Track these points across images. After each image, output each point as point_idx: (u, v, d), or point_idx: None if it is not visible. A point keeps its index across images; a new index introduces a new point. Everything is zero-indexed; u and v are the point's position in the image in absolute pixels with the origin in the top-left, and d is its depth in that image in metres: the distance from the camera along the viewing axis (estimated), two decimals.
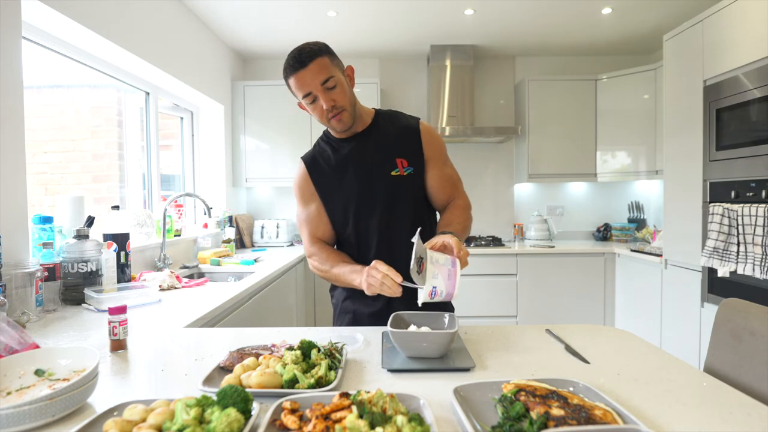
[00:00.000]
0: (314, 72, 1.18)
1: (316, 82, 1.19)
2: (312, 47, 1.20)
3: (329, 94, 1.21)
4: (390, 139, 1.34)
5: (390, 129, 1.35)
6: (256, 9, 3.01)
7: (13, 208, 1.54)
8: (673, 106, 2.72)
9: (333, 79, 1.20)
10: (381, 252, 1.30)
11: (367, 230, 1.32)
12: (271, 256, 3.13)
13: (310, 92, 1.20)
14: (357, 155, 1.32)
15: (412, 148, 1.33)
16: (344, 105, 1.23)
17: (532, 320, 3.42)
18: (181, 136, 3.45)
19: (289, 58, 1.20)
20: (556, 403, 0.69)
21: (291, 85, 1.23)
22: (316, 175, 1.35)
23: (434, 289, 1.04)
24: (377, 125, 1.36)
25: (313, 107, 1.23)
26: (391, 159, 1.31)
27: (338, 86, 1.22)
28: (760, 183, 2.07)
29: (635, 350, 1.04)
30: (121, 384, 0.90)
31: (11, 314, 1.36)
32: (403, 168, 1.31)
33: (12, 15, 1.56)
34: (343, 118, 1.24)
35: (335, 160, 1.34)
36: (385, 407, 0.66)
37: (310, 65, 1.18)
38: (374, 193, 1.31)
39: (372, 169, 1.31)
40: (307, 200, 1.36)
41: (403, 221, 1.31)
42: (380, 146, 1.33)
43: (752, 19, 2.11)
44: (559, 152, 3.74)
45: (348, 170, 1.32)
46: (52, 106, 2.32)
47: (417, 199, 1.35)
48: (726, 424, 0.70)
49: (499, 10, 3.06)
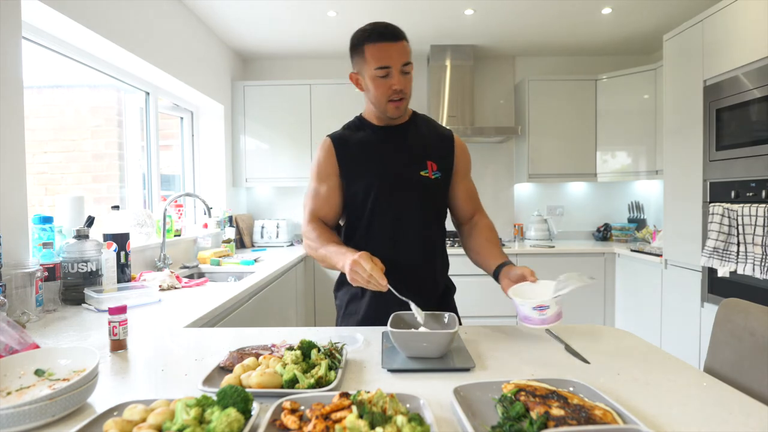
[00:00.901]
0: (401, 51, 1.19)
1: (400, 60, 1.19)
2: (401, 29, 1.22)
3: (403, 78, 1.21)
4: (425, 140, 1.34)
5: (425, 131, 1.36)
6: (256, 9, 3.01)
7: (13, 208, 1.54)
8: (673, 106, 2.72)
9: (411, 66, 1.22)
10: (386, 245, 1.29)
11: (380, 221, 1.30)
12: (271, 256, 3.13)
13: (389, 66, 1.19)
14: (392, 145, 1.32)
15: (444, 155, 1.34)
16: (408, 95, 1.25)
17: None
18: (181, 136, 3.45)
19: (375, 26, 1.20)
20: (556, 403, 0.69)
21: (368, 52, 1.20)
22: (343, 153, 1.31)
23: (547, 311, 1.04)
24: (415, 123, 1.37)
25: (381, 82, 1.22)
26: (422, 159, 1.31)
27: (410, 75, 1.23)
28: (760, 183, 2.07)
29: (635, 350, 1.04)
30: (121, 384, 0.90)
31: (11, 314, 1.36)
32: (432, 171, 1.31)
33: (12, 15, 1.56)
34: (401, 105, 1.25)
35: (368, 144, 1.32)
36: (385, 407, 0.66)
37: (401, 42, 1.19)
38: (399, 187, 1.29)
39: (403, 162, 1.30)
40: (323, 178, 1.33)
41: (416, 222, 1.31)
42: (415, 144, 1.33)
43: (752, 19, 2.11)
44: (559, 152, 3.74)
45: (379, 157, 1.31)
46: (52, 106, 2.32)
47: (435, 205, 1.35)
48: (726, 424, 0.70)
49: (499, 10, 3.06)
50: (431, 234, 1.34)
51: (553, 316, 1.04)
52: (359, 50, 1.23)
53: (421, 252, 1.32)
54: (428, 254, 1.34)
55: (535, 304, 1.04)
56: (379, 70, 1.20)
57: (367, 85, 1.26)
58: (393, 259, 1.27)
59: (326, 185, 1.33)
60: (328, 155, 1.32)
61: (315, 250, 1.27)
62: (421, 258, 1.32)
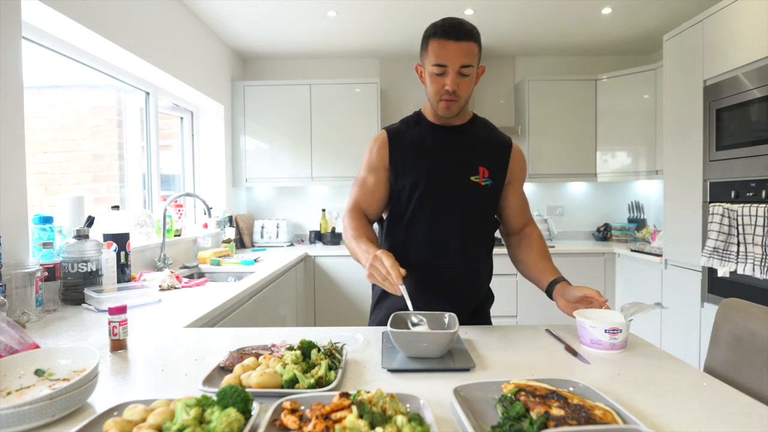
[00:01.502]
0: (463, 52, 1.16)
1: (458, 61, 1.16)
2: (472, 28, 1.19)
3: (459, 80, 1.19)
4: (480, 144, 1.31)
5: (482, 136, 1.33)
6: (256, 9, 3.01)
7: (13, 208, 1.54)
8: (672, 106, 2.72)
9: (471, 68, 1.19)
10: (424, 246, 1.28)
11: (422, 221, 1.28)
12: (271, 256, 3.13)
13: (446, 65, 1.17)
14: (444, 146, 1.29)
15: (498, 162, 1.31)
16: (462, 96, 1.22)
17: (532, 320, 3.42)
18: (181, 136, 3.45)
19: (446, 22, 1.18)
20: (556, 403, 0.69)
21: (431, 46, 1.19)
22: (396, 147, 1.30)
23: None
24: (473, 127, 1.34)
25: (436, 79, 1.20)
26: (474, 164, 1.28)
27: (469, 78, 1.20)
28: (760, 183, 2.07)
29: (635, 350, 1.04)
30: (121, 384, 0.90)
31: (11, 314, 1.36)
32: (483, 178, 1.28)
33: (12, 15, 1.56)
34: (452, 106, 1.22)
35: (421, 141, 1.30)
36: (385, 407, 0.66)
37: (464, 43, 1.16)
38: (445, 189, 1.27)
39: (454, 165, 1.28)
40: (372, 169, 1.31)
41: (458, 226, 1.28)
42: (469, 147, 1.30)
43: (752, 19, 2.11)
44: (559, 152, 3.74)
45: (429, 156, 1.28)
46: (52, 106, 2.32)
47: (480, 214, 1.31)
48: (726, 424, 0.70)
49: (499, 10, 3.05)
50: (473, 241, 1.30)
51: (623, 341, 1.03)
52: (425, 43, 1.21)
53: (461, 258, 1.28)
54: (469, 261, 1.30)
55: (609, 326, 1.01)
56: (435, 67, 1.18)
57: (425, 79, 1.25)
58: (430, 261, 1.27)
59: (374, 177, 1.31)
60: (381, 147, 1.31)
61: (348, 240, 1.24)
62: (459, 264, 1.28)
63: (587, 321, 1.04)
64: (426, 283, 1.27)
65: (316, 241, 3.93)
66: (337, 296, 3.48)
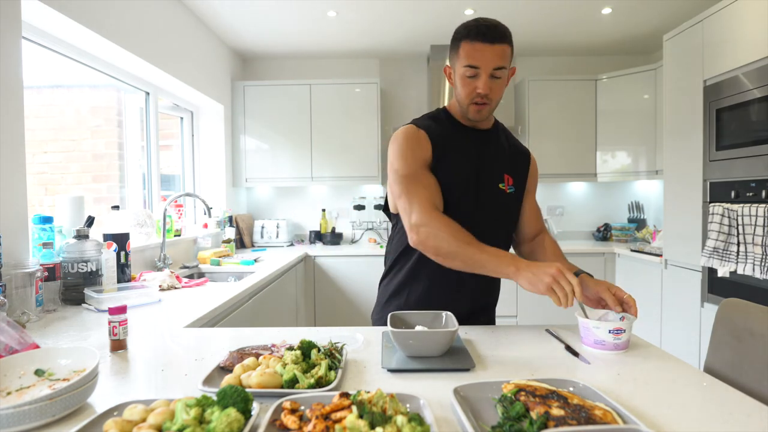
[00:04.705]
0: (497, 54, 1.13)
1: (492, 64, 1.14)
2: (506, 30, 1.17)
3: (492, 82, 1.16)
4: (505, 152, 1.31)
5: (505, 143, 1.32)
6: (256, 9, 3.01)
7: (13, 208, 1.54)
8: (673, 106, 2.72)
9: (503, 71, 1.16)
10: None
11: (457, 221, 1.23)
12: (271, 256, 3.13)
13: (479, 67, 1.14)
14: (478, 148, 1.26)
15: (521, 171, 1.32)
16: (493, 100, 1.19)
17: (532, 320, 3.42)
18: (181, 136, 3.45)
19: (480, 23, 1.15)
20: (556, 403, 0.69)
21: (462, 48, 1.16)
22: (436, 142, 1.21)
23: None
24: (497, 133, 1.32)
25: (468, 81, 1.17)
26: (501, 171, 1.27)
27: (501, 80, 1.18)
28: (760, 183, 2.07)
29: (635, 350, 1.04)
30: (121, 384, 0.90)
31: (11, 314, 1.36)
32: (508, 186, 1.27)
33: (12, 15, 1.56)
34: (483, 110, 1.19)
35: (457, 140, 1.25)
36: (385, 407, 0.66)
37: (497, 45, 1.13)
38: (479, 194, 1.24)
39: (486, 170, 1.25)
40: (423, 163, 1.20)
41: (483, 233, 1.17)
42: (497, 154, 1.28)
43: (752, 19, 2.11)
44: (559, 152, 3.74)
45: (467, 156, 1.24)
46: (52, 106, 2.31)
47: (503, 221, 1.30)
48: (726, 424, 0.70)
49: (499, 10, 3.06)
50: (499, 246, 1.25)
51: (626, 341, 1.03)
52: (456, 45, 1.18)
53: None
54: None
55: (613, 327, 1.01)
56: (467, 69, 1.15)
57: (455, 81, 1.21)
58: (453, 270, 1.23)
59: (426, 172, 1.20)
60: (423, 143, 1.21)
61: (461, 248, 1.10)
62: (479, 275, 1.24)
63: (591, 322, 1.04)
64: (447, 286, 1.25)
65: (316, 241, 3.93)
66: (337, 296, 3.48)
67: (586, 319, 1.05)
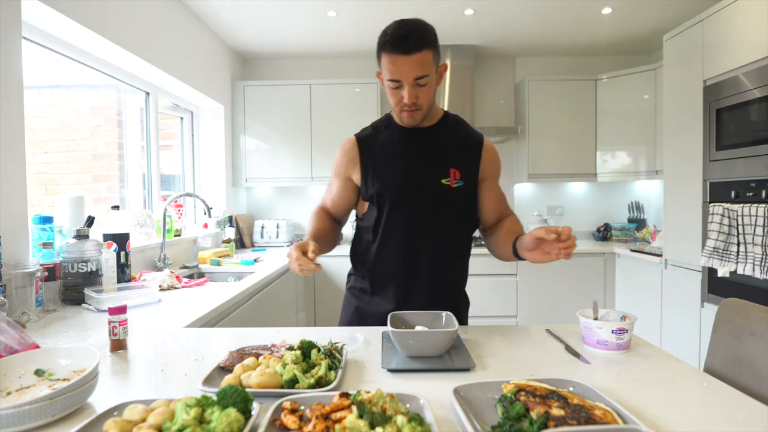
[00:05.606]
0: (414, 65, 1.11)
1: (411, 75, 1.12)
2: (422, 35, 1.13)
3: (416, 90, 1.15)
4: (451, 145, 1.28)
5: (453, 136, 1.30)
6: (256, 9, 3.01)
7: (13, 208, 1.54)
8: (673, 106, 2.72)
9: (427, 78, 1.14)
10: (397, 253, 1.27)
11: (393, 227, 1.26)
12: (271, 256, 3.13)
13: (399, 80, 1.14)
14: (414, 150, 1.27)
15: (469, 162, 1.28)
16: (423, 105, 1.19)
17: (532, 320, 3.41)
18: (181, 136, 3.45)
19: (394, 33, 1.12)
20: (556, 403, 0.69)
21: (383, 60, 1.15)
22: (366, 154, 1.29)
23: None
24: (443, 127, 1.30)
25: (394, 92, 1.18)
26: (445, 166, 1.25)
27: (428, 85, 1.16)
28: (760, 183, 2.07)
29: (635, 350, 1.04)
30: (121, 384, 0.90)
31: (11, 314, 1.36)
32: (453, 180, 1.25)
33: (12, 15, 1.56)
34: (415, 115, 1.20)
35: (390, 146, 1.28)
36: (385, 407, 0.66)
37: (413, 56, 1.11)
38: (415, 193, 1.25)
39: (423, 168, 1.25)
40: (337, 174, 1.34)
41: (429, 232, 1.26)
42: (439, 149, 1.27)
43: (752, 19, 2.11)
44: (559, 152, 3.74)
45: (398, 162, 1.26)
46: (52, 106, 2.31)
47: (453, 216, 1.28)
48: (726, 424, 0.70)
49: (499, 10, 3.05)
50: (446, 245, 1.28)
51: (628, 341, 1.03)
52: (378, 53, 1.17)
53: (433, 263, 1.27)
54: (442, 266, 1.28)
55: (616, 326, 1.01)
56: (390, 82, 1.16)
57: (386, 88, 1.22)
58: (401, 267, 1.27)
59: (338, 182, 1.34)
60: (348, 154, 1.31)
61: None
62: (431, 269, 1.27)
63: (594, 322, 1.04)
64: (399, 288, 1.28)
65: None
66: (337, 296, 3.47)
67: (588, 319, 1.05)
